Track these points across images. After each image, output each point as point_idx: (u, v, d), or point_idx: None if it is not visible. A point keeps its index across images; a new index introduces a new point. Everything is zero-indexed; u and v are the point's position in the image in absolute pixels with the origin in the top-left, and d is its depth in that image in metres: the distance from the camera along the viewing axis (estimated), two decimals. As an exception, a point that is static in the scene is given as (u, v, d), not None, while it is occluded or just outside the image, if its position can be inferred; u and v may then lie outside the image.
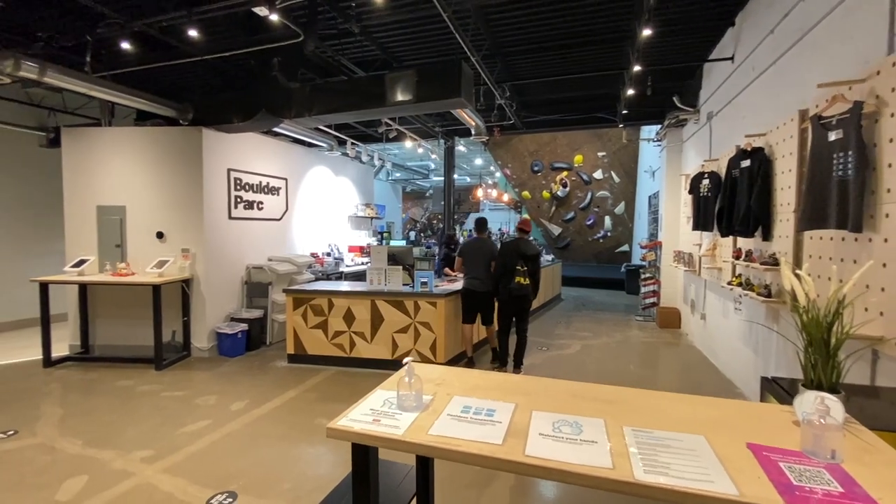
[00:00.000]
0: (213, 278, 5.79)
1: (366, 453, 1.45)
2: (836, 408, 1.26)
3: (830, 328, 1.42)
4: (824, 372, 1.44)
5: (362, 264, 8.02)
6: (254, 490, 2.80)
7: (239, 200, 6.22)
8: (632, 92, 5.85)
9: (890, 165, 2.22)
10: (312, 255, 7.42)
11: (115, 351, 5.59)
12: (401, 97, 4.70)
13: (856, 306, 1.81)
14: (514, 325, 4.98)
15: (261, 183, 6.62)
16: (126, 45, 4.58)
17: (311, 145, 7.85)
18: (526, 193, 15.53)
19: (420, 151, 9.80)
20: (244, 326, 5.81)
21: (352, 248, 8.72)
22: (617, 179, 14.13)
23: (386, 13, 4.60)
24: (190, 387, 4.62)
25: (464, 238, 16.43)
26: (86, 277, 5.33)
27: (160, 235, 5.68)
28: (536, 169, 15.01)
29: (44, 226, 7.13)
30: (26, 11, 4.47)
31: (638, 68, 5.05)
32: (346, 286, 5.72)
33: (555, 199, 15.00)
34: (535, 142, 14.58)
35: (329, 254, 8.04)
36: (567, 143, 14.34)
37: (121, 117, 6.76)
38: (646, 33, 4.26)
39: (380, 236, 9.85)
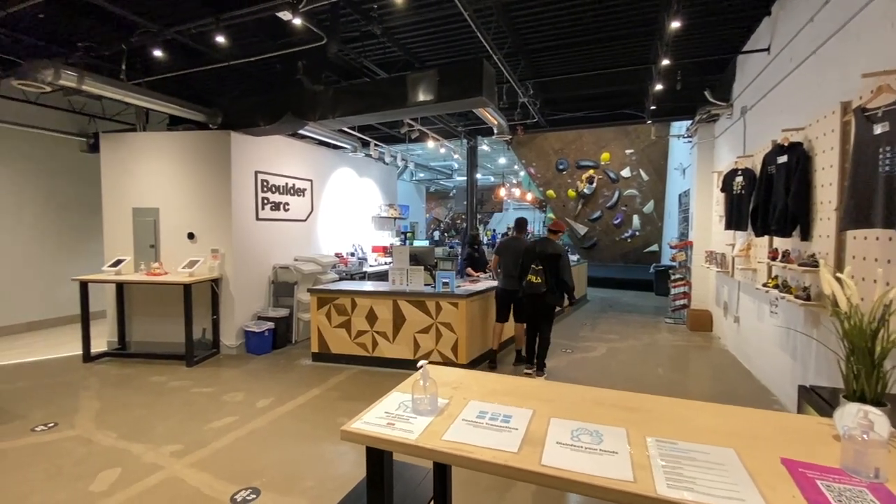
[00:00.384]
0: (241, 278, 5.94)
1: (380, 457, 1.44)
2: (880, 422, 1.17)
3: (875, 336, 1.32)
4: (868, 383, 1.34)
5: (385, 264, 8.08)
6: (276, 487, 2.85)
7: (266, 202, 6.36)
8: (660, 87, 5.67)
9: (944, 160, 2.05)
10: (337, 255, 7.52)
11: (150, 347, 5.81)
12: (422, 97, 4.70)
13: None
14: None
15: (287, 185, 6.75)
16: (158, 53, 4.74)
17: (335, 147, 7.96)
18: (551, 192, 15.32)
19: (442, 151, 9.80)
20: (271, 325, 5.93)
21: (375, 249, 8.80)
22: (645, 177, 13.75)
23: (407, 14, 4.61)
24: (218, 383, 4.75)
25: (487, 237, 16.37)
26: (122, 277, 5.56)
27: (191, 236, 5.87)
28: (561, 167, 14.77)
29: (84, 227, 7.49)
30: (66, 23, 4.69)
31: (666, 62, 4.89)
32: (369, 286, 5.77)
33: (581, 197, 14.73)
34: (560, 140, 14.35)
35: (353, 254, 8.14)
36: (593, 140, 14.05)
37: (155, 122, 7.02)
38: (674, 25, 4.11)
39: (403, 236, 9.91)
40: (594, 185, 14.38)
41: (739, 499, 1.05)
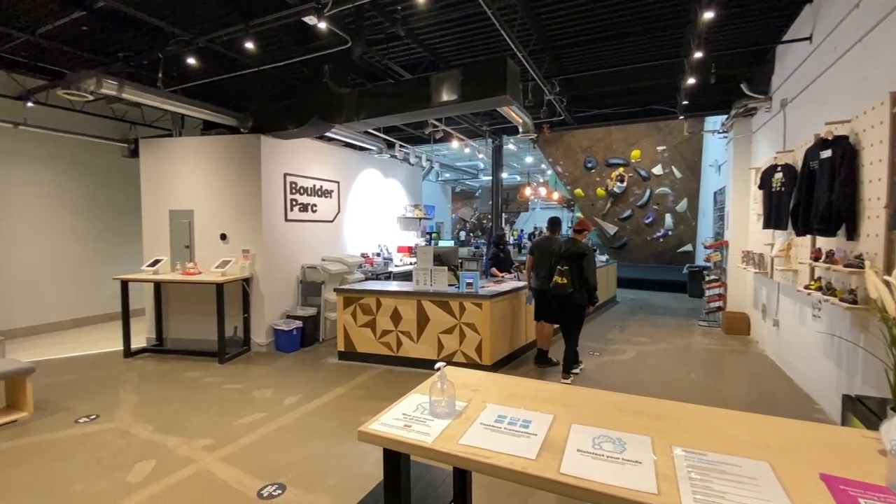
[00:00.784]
0: (271, 277, 6.09)
1: (397, 459, 1.43)
2: (934, 439, 1.08)
3: (928, 344, 1.22)
4: (920, 395, 1.23)
5: (410, 264, 8.12)
6: (301, 483, 2.90)
7: (294, 203, 6.50)
8: (693, 81, 5.45)
9: None
10: (363, 255, 7.62)
11: (185, 344, 6.04)
12: (446, 97, 4.69)
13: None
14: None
15: (314, 186, 6.88)
16: (192, 61, 4.92)
17: (361, 149, 8.06)
18: (579, 191, 15.03)
19: (467, 151, 9.77)
20: (299, 324, 6.06)
21: (400, 249, 8.86)
22: (678, 175, 13.30)
23: (430, 14, 4.61)
24: (248, 380, 4.89)
25: (513, 237, 16.22)
26: (159, 276, 5.80)
27: (223, 237, 6.07)
28: (590, 165, 14.46)
29: (125, 229, 7.87)
30: (108, 34, 4.93)
31: (699, 55, 4.69)
32: (394, 286, 5.81)
33: (610, 196, 14.38)
34: (588, 137, 14.06)
35: (378, 254, 8.22)
36: (623, 137, 13.69)
37: (190, 127, 7.31)
38: (707, 16, 3.95)
39: (428, 237, 9.93)
40: (624, 184, 14.01)
41: (772, 516, 0.98)
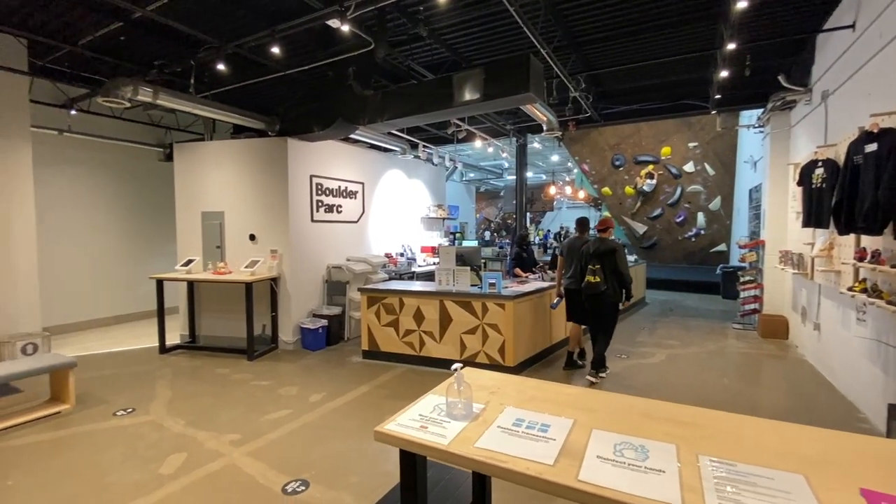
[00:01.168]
0: (298, 277, 6.22)
1: (413, 460, 1.42)
2: None
3: None
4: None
5: (433, 264, 8.13)
6: (324, 480, 2.94)
7: (320, 204, 6.61)
8: (726, 73, 5.25)
9: None
10: (386, 255, 7.68)
11: (216, 341, 6.24)
12: (468, 96, 4.67)
13: None
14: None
15: (339, 187, 6.98)
16: (221, 67, 5.07)
17: (385, 150, 8.13)
18: (606, 190, 14.70)
19: (490, 151, 9.72)
20: (324, 322, 6.16)
21: (424, 249, 8.89)
22: (711, 172, 12.83)
23: (453, 14, 4.60)
24: (276, 377, 5.00)
25: (539, 237, 16.03)
26: (192, 275, 6.01)
27: (252, 237, 6.23)
28: (618, 163, 14.12)
29: (161, 230, 8.19)
30: (144, 44, 5.14)
31: (732, 46, 4.51)
32: (417, 286, 5.83)
33: (640, 194, 14.01)
34: (615, 134, 13.73)
35: (402, 254, 8.27)
36: (652, 134, 13.31)
37: (221, 132, 7.54)
38: (741, 6, 3.79)
39: (452, 237, 9.92)
40: (654, 182, 13.61)
41: (806, 534, 0.92)
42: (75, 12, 4.41)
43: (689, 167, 13.15)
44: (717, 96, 6.37)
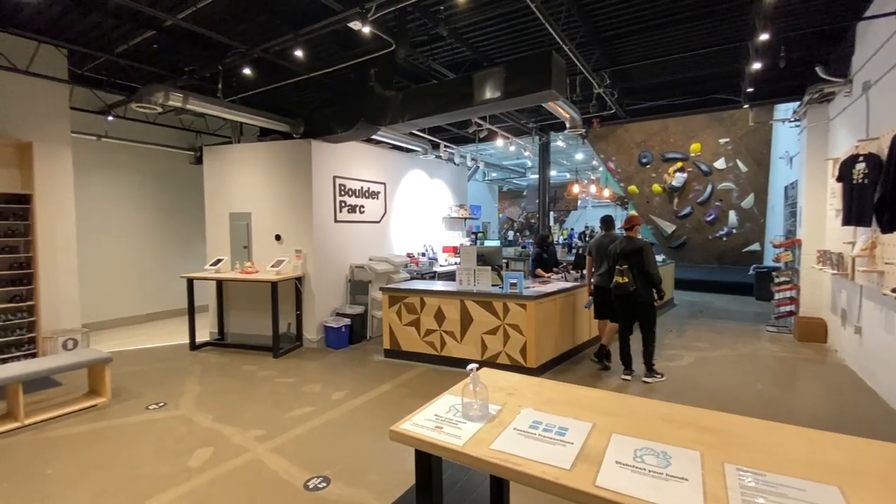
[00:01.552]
0: (322, 276, 6.32)
1: (428, 460, 1.42)
2: None
3: None
4: None
5: (455, 264, 8.12)
6: (345, 477, 2.97)
7: (343, 205, 6.70)
8: (758, 66, 5.04)
9: None
10: (408, 255, 7.71)
11: (243, 339, 6.40)
12: (489, 95, 4.64)
13: None
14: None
15: (362, 188, 7.06)
16: (247, 71, 5.20)
17: (407, 150, 8.17)
18: (633, 188, 14.37)
19: (512, 149, 9.63)
20: (347, 321, 6.24)
21: (446, 249, 8.89)
22: (744, 168, 12.36)
23: (473, 12, 4.58)
24: (300, 374, 5.09)
25: (563, 236, 15.80)
26: (220, 275, 6.19)
27: (278, 238, 6.37)
28: (645, 161, 13.78)
29: (191, 230, 8.47)
30: (175, 51, 5.32)
31: (765, 37, 4.32)
32: (438, 286, 5.83)
33: (668, 192, 13.62)
34: (642, 131, 13.40)
35: (424, 254, 8.29)
36: (681, 130, 12.92)
37: (248, 135, 7.74)
38: (774, -5, 3.62)
39: (474, 236, 9.89)
40: (685, 175, 13.18)
41: (840, 550, 0.87)
42: (111, 22, 4.60)
43: (719, 164, 12.71)
44: (750, 89, 6.12)
